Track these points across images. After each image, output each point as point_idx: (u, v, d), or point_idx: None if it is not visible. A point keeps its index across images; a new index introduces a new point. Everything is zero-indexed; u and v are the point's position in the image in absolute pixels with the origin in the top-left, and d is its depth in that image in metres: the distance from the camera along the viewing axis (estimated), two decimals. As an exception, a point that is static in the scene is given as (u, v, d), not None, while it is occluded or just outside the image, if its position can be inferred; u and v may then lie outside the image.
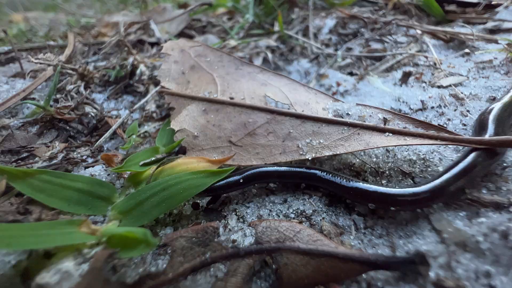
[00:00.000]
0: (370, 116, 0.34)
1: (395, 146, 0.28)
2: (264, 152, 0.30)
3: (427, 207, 0.27)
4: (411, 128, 0.31)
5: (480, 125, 0.33)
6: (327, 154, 0.28)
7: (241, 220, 0.29)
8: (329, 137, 0.30)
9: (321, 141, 0.30)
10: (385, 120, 0.32)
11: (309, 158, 0.30)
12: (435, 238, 0.25)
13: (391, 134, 0.30)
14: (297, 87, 0.41)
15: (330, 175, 0.28)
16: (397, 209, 0.27)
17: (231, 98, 0.39)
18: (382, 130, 0.30)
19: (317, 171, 0.29)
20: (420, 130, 0.30)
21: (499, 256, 0.22)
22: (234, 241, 0.24)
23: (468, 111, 0.42)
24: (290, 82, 0.43)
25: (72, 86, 0.52)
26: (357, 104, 0.35)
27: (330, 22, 0.74)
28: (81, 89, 0.52)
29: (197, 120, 0.38)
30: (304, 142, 0.31)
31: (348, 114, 0.34)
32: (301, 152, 0.30)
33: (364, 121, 0.33)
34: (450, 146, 0.36)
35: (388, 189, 0.27)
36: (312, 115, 0.34)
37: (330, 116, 0.33)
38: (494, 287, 0.21)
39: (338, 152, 0.29)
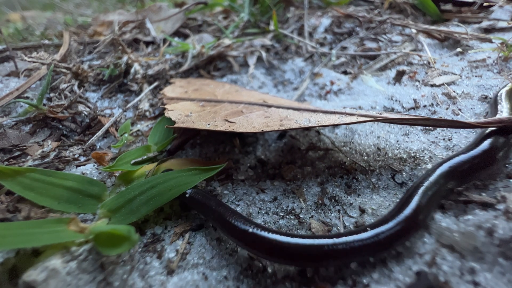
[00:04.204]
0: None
1: (346, 124, 0.30)
2: (259, 126, 0.31)
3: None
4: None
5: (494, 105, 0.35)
6: (296, 127, 0.30)
7: (230, 218, 0.29)
8: (299, 119, 0.33)
9: (296, 120, 0.33)
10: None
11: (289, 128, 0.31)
12: (420, 236, 0.25)
13: (344, 116, 0.32)
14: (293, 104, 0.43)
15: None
16: None
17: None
18: (336, 113, 0.33)
19: None
20: (366, 112, 0.32)
21: (484, 253, 0.22)
22: (219, 239, 0.24)
23: (460, 109, 0.42)
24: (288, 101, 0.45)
25: (65, 85, 0.52)
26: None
27: (325, 21, 0.74)
28: (75, 88, 0.52)
29: (192, 108, 0.39)
30: (294, 121, 0.33)
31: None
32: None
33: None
34: (440, 144, 0.36)
35: None
36: (302, 107, 0.37)
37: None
38: (478, 284, 0.21)
39: (305, 126, 0.31)
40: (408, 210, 0.23)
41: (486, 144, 0.28)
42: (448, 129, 0.38)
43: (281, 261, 0.22)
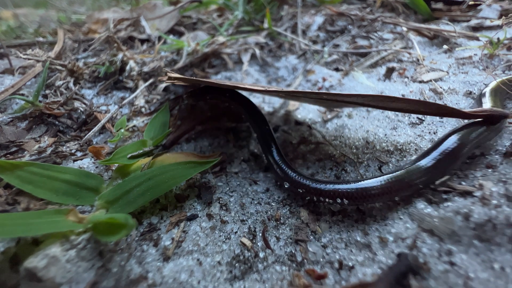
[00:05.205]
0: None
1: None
2: (262, 89, 0.32)
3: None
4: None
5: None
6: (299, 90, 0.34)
7: (224, 208, 0.30)
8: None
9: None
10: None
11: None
12: (404, 222, 0.26)
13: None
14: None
15: None
16: None
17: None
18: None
19: None
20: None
21: (460, 236, 0.24)
22: (213, 228, 0.26)
23: (445, 104, 0.44)
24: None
25: (61, 82, 0.52)
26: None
27: (318, 19, 0.75)
28: (71, 85, 0.52)
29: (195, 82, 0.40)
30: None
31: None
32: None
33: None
34: (425, 137, 0.38)
35: None
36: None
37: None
38: (454, 264, 0.22)
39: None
40: None
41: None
42: (434, 123, 0.40)
43: None
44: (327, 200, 0.27)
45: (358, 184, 0.26)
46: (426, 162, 0.28)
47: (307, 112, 0.48)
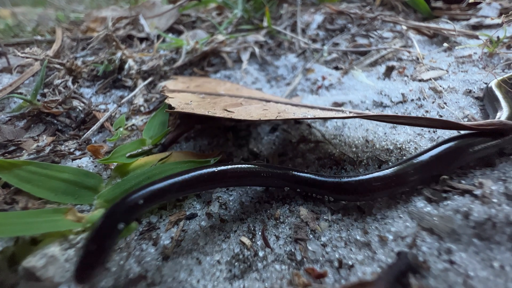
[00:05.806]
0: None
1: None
2: (257, 116, 0.31)
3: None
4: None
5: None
6: (293, 117, 0.32)
7: (223, 207, 0.30)
8: (297, 112, 0.35)
9: (294, 113, 0.34)
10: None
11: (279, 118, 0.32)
12: (404, 221, 0.26)
13: (340, 112, 0.34)
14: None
15: None
16: None
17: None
18: (333, 110, 0.36)
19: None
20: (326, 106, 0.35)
21: (460, 235, 0.24)
22: (212, 227, 0.26)
23: (445, 103, 0.44)
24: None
25: (59, 81, 0.52)
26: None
27: (318, 18, 0.75)
28: (69, 83, 0.52)
29: (193, 98, 0.40)
30: (292, 113, 0.34)
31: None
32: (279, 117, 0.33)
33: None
34: (425, 136, 0.37)
35: None
36: (301, 104, 0.39)
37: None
38: (454, 262, 0.22)
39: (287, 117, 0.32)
40: None
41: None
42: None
43: None
44: None
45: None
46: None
47: (306, 110, 0.48)
